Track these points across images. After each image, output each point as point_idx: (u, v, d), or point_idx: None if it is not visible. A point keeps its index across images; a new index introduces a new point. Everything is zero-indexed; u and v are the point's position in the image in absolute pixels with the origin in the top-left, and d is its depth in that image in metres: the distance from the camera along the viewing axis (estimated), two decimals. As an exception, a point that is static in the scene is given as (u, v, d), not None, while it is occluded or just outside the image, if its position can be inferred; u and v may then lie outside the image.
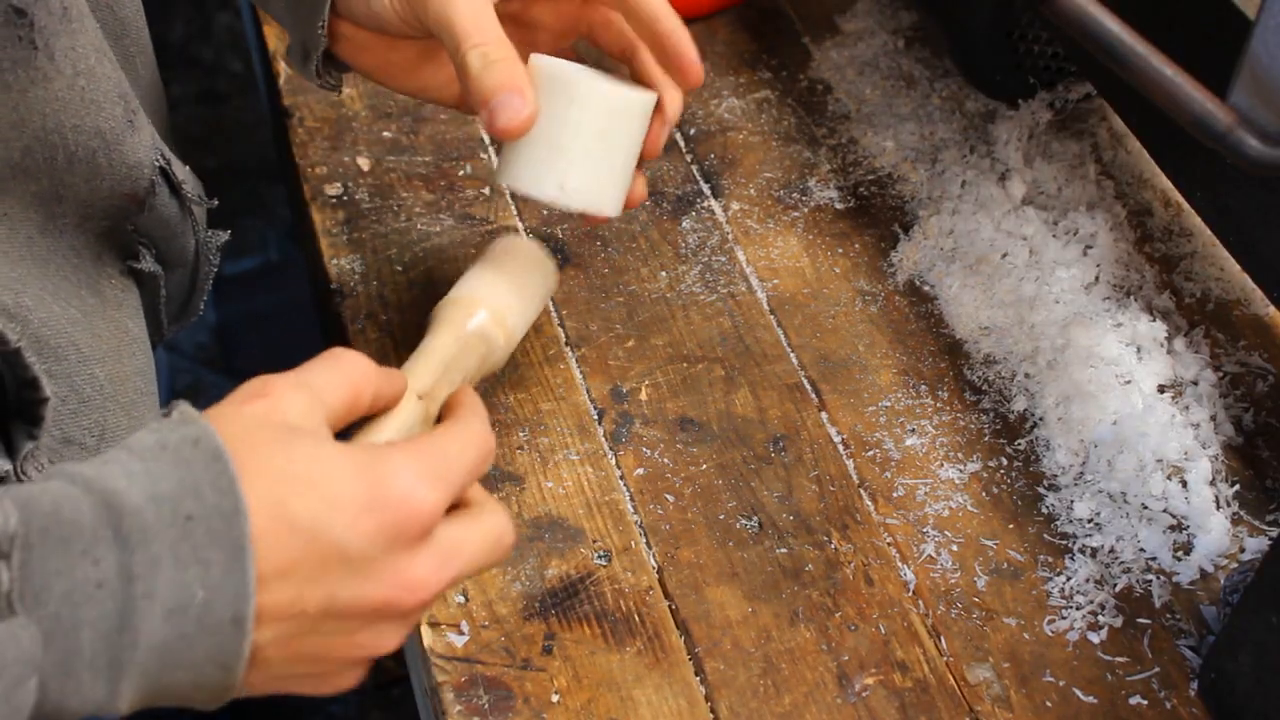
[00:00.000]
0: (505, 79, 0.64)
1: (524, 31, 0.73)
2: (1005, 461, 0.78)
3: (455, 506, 0.56)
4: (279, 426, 0.52)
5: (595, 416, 0.79)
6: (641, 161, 0.71)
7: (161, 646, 0.47)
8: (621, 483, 0.76)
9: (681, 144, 0.96)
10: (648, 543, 0.74)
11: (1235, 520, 0.75)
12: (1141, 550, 0.74)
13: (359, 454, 0.52)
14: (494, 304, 0.70)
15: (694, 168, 0.94)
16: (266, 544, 0.49)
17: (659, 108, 0.70)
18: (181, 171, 0.71)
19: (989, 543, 0.74)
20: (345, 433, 0.58)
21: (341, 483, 0.51)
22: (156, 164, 0.67)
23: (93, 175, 0.63)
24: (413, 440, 0.55)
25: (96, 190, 0.63)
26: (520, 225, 0.90)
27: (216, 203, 0.74)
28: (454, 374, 0.66)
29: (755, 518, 0.75)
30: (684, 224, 0.90)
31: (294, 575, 0.49)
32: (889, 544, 0.74)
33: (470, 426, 0.58)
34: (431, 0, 0.65)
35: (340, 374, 0.57)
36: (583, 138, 0.67)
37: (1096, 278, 0.86)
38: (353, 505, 0.50)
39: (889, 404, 0.81)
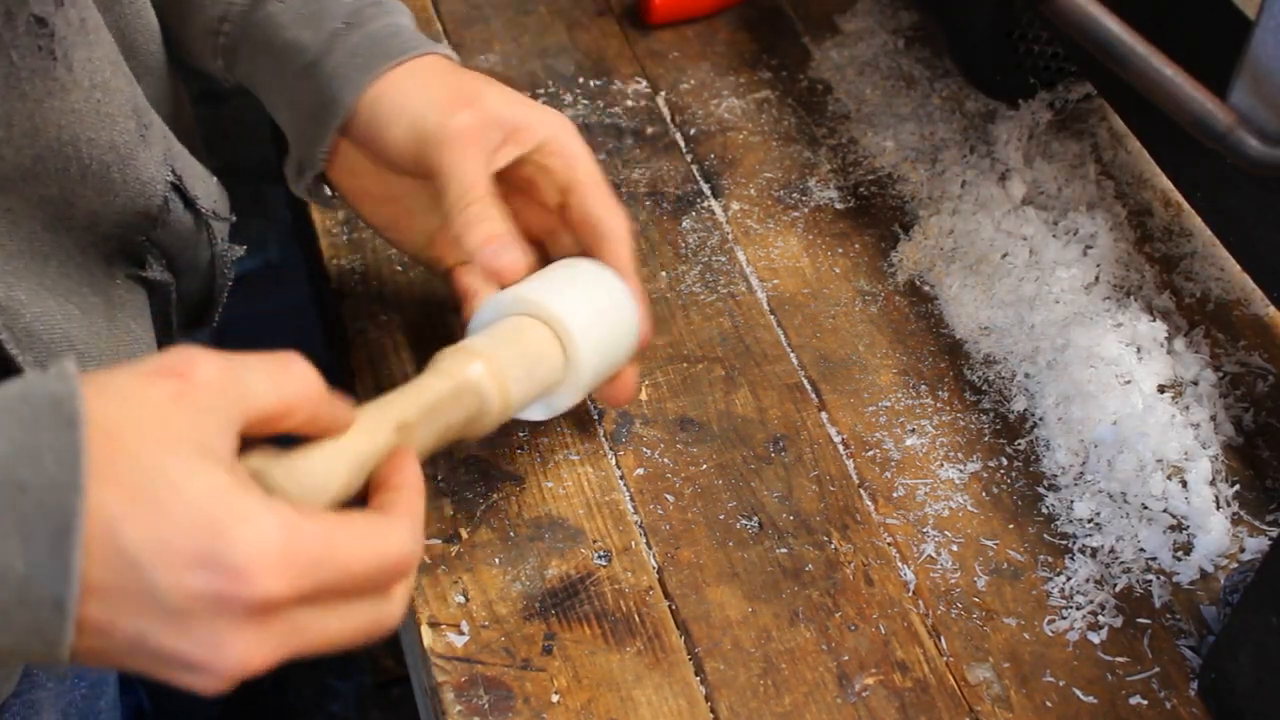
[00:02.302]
0: (492, 231, 0.69)
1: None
2: (1005, 461, 0.78)
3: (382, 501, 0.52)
4: (167, 423, 0.47)
5: (595, 416, 0.79)
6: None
7: None
8: (621, 483, 0.76)
9: (681, 144, 0.96)
10: (648, 543, 0.74)
11: (1235, 520, 0.75)
12: (1141, 550, 0.74)
13: (232, 498, 0.47)
14: (497, 364, 0.64)
15: (694, 168, 0.94)
16: (90, 555, 0.45)
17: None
18: (203, 186, 0.71)
19: (989, 543, 0.74)
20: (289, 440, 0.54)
21: (185, 526, 0.46)
22: (168, 180, 0.67)
23: (105, 189, 0.63)
24: (305, 512, 0.49)
25: (109, 204, 0.64)
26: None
27: (235, 219, 0.75)
28: (438, 421, 0.61)
29: (755, 518, 0.75)
30: (684, 224, 0.90)
31: (109, 599, 0.46)
32: (889, 544, 0.74)
33: (387, 531, 0.51)
34: (443, 150, 0.69)
35: (277, 383, 0.51)
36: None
37: (1096, 278, 0.86)
38: (185, 556, 0.45)
39: (889, 404, 0.81)
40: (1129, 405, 0.77)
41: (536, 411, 0.70)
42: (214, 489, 0.46)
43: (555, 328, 0.68)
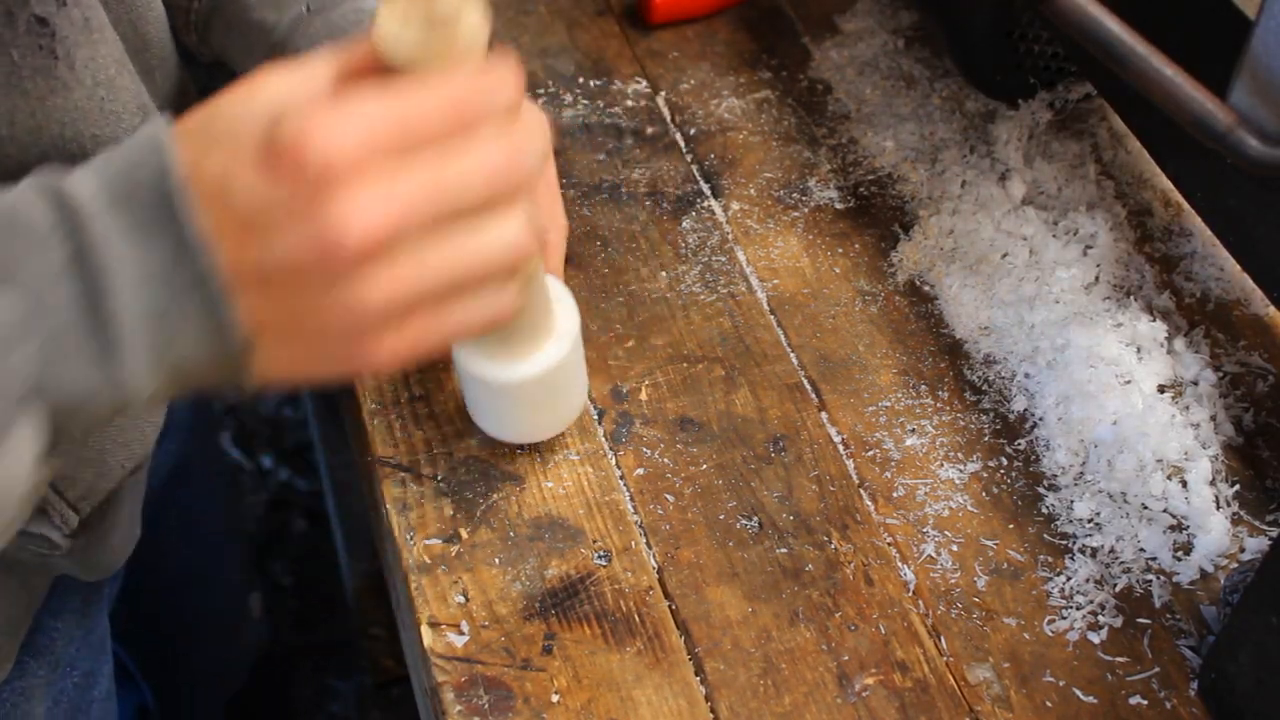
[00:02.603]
0: None
1: None
2: (1005, 461, 0.78)
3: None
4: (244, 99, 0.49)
5: (595, 416, 0.79)
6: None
7: (145, 316, 0.47)
8: (621, 483, 0.76)
9: (681, 144, 0.96)
10: (648, 543, 0.74)
11: (1235, 520, 0.75)
12: (1141, 550, 0.74)
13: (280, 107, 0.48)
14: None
15: (694, 168, 0.94)
16: (196, 209, 0.48)
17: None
18: None
19: (989, 543, 0.74)
20: None
21: (245, 137, 0.48)
22: None
23: None
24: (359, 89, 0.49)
25: None
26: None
27: None
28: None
29: (755, 518, 0.75)
30: (684, 224, 0.90)
31: (225, 238, 0.48)
32: (889, 544, 0.74)
33: (455, 80, 0.49)
34: None
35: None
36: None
37: (1096, 278, 0.86)
38: (249, 159, 0.47)
39: (889, 404, 0.81)
40: (1129, 405, 0.77)
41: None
42: (266, 105, 0.48)
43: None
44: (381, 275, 0.48)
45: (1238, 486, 0.77)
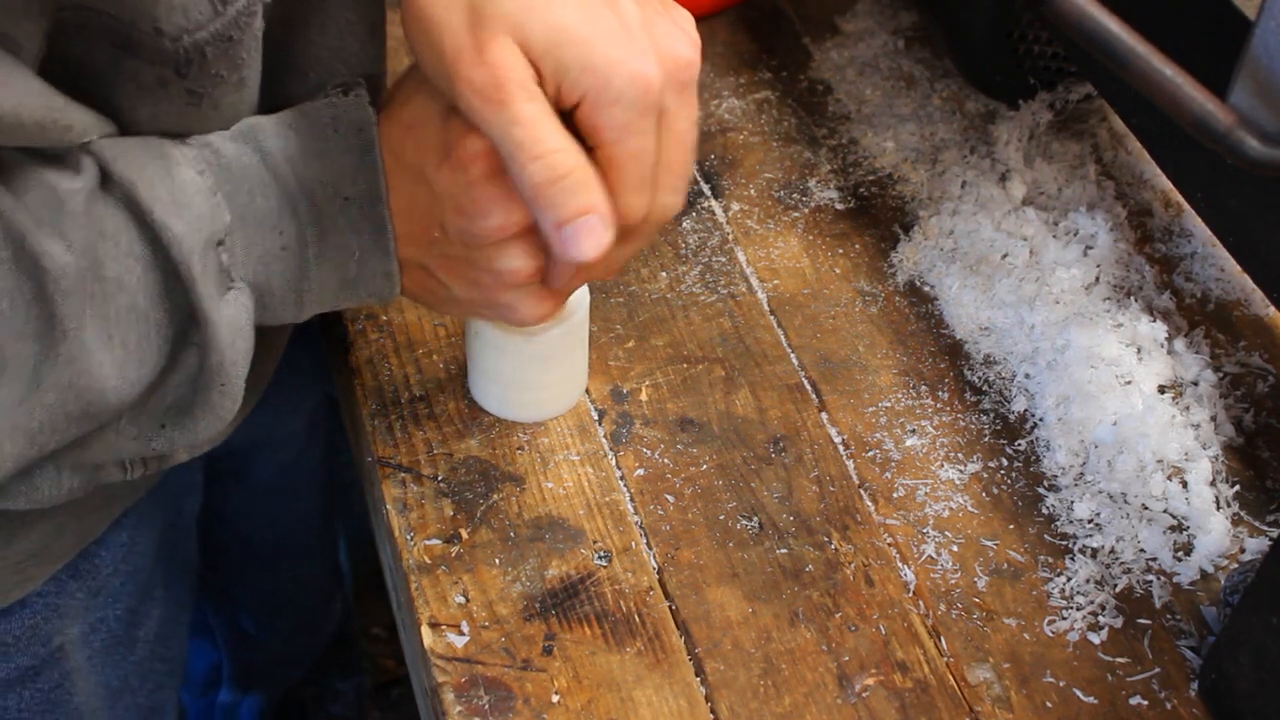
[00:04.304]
0: (583, 200, 0.56)
1: None
2: (1005, 462, 0.78)
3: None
4: (432, 146, 0.62)
5: (595, 417, 0.79)
6: None
7: (333, 289, 0.64)
8: (622, 483, 0.76)
9: (681, 144, 0.96)
10: (648, 543, 0.74)
11: (1235, 521, 0.75)
12: (1142, 551, 0.74)
13: (453, 118, 0.60)
14: None
15: (694, 168, 0.94)
16: (391, 186, 0.62)
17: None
18: None
19: (989, 543, 0.74)
20: None
21: (431, 134, 0.61)
22: None
23: None
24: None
25: None
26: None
27: None
28: None
29: (755, 518, 0.75)
30: (684, 224, 0.90)
31: (413, 211, 0.62)
32: (889, 544, 0.74)
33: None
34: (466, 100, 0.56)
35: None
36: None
37: (1096, 278, 0.86)
38: (436, 152, 0.61)
39: (889, 404, 0.81)
40: (1129, 406, 0.77)
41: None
42: (443, 112, 0.61)
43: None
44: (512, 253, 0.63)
45: (1238, 487, 0.77)
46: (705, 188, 0.93)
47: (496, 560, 0.72)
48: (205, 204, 0.59)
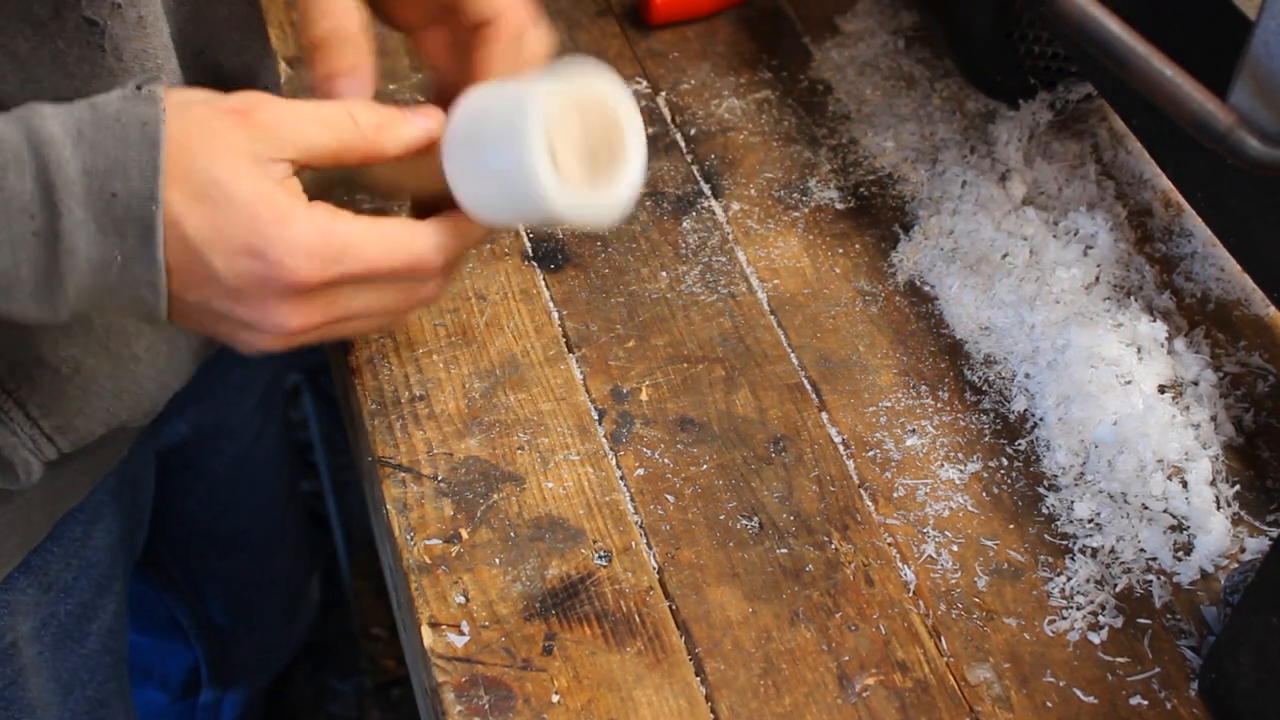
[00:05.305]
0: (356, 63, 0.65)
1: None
2: (1005, 462, 0.78)
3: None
4: (230, 142, 0.57)
5: (595, 417, 0.79)
6: None
7: (91, 291, 0.57)
8: (622, 483, 0.76)
9: (682, 144, 0.96)
10: (648, 543, 0.74)
11: (1235, 520, 0.75)
12: (1142, 550, 0.74)
13: (276, 201, 0.57)
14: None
15: (694, 168, 0.94)
16: (165, 245, 0.57)
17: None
18: None
19: (989, 543, 0.74)
20: None
21: (236, 220, 0.57)
22: None
23: None
24: (340, 215, 0.58)
25: None
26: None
27: None
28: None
29: (755, 518, 0.75)
30: (684, 224, 0.90)
31: (178, 276, 0.58)
32: (889, 544, 0.74)
33: (412, 236, 0.60)
34: None
35: (333, 131, 0.60)
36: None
37: (1097, 278, 0.86)
38: (234, 245, 0.57)
39: (889, 404, 0.81)
40: (1129, 405, 0.77)
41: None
42: (261, 193, 0.57)
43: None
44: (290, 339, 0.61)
45: (1238, 487, 0.77)
46: (705, 187, 0.93)
47: (496, 560, 0.72)
48: None
